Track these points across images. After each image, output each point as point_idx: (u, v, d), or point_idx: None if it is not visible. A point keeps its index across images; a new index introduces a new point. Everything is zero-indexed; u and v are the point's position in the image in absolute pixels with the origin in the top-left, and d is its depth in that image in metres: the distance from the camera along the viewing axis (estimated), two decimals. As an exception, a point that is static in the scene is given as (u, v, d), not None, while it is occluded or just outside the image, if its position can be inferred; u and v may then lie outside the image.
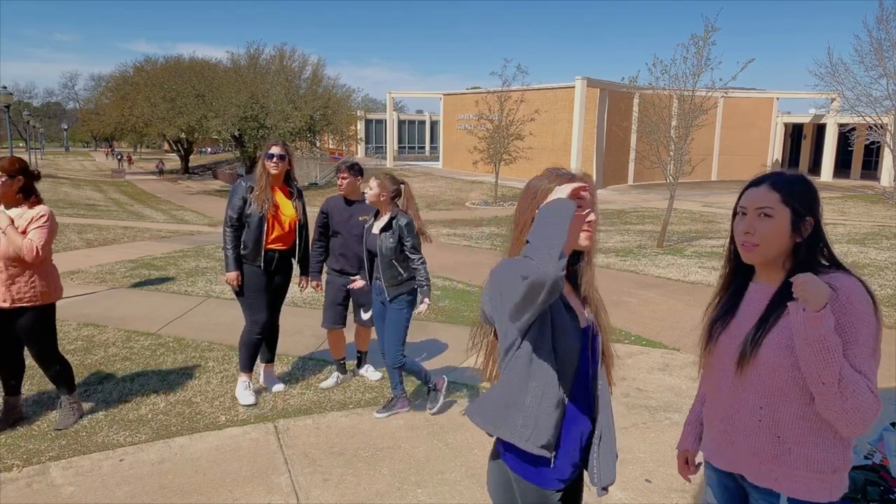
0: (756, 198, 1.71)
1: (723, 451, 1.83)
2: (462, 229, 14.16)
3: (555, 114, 26.40)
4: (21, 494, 3.32)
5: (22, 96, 70.37)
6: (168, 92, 32.06)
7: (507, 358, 1.72)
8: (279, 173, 4.41)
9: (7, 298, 3.79)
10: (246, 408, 4.43)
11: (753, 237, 1.70)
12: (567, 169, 1.76)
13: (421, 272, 4.20)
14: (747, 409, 1.73)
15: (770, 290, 1.73)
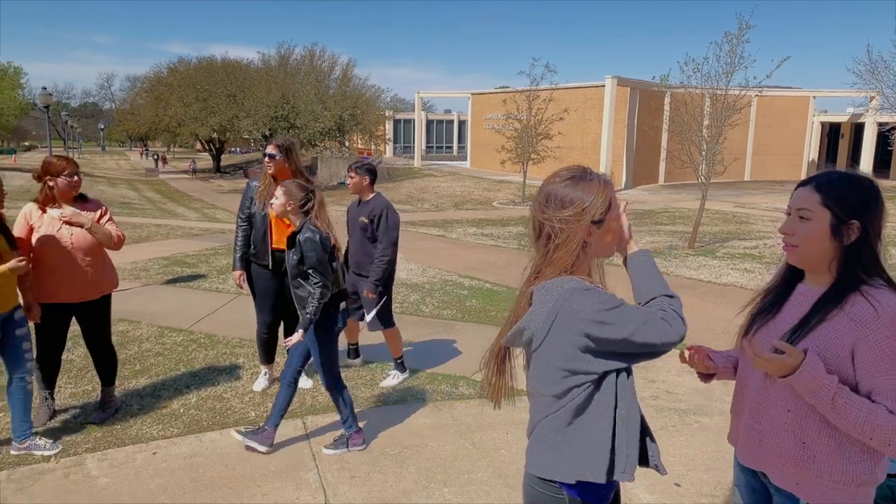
0: (798, 198, 1.68)
1: (750, 448, 1.81)
2: (489, 229, 14.13)
3: (584, 113, 26.18)
4: (59, 485, 3.42)
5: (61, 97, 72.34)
6: (201, 92, 32.60)
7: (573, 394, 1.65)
8: (275, 172, 4.38)
9: (96, 290, 4.05)
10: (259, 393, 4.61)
11: (792, 238, 1.68)
12: (589, 168, 1.72)
13: (313, 299, 3.54)
14: (775, 409, 1.71)
15: (815, 294, 1.69)
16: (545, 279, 1.66)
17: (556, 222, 1.64)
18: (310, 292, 3.55)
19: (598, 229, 1.66)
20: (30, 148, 68.08)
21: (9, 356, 3.64)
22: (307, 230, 3.57)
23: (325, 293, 3.55)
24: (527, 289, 1.73)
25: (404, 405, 4.50)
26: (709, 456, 3.81)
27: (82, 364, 5.20)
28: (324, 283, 3.54)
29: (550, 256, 1.66)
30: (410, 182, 27.43)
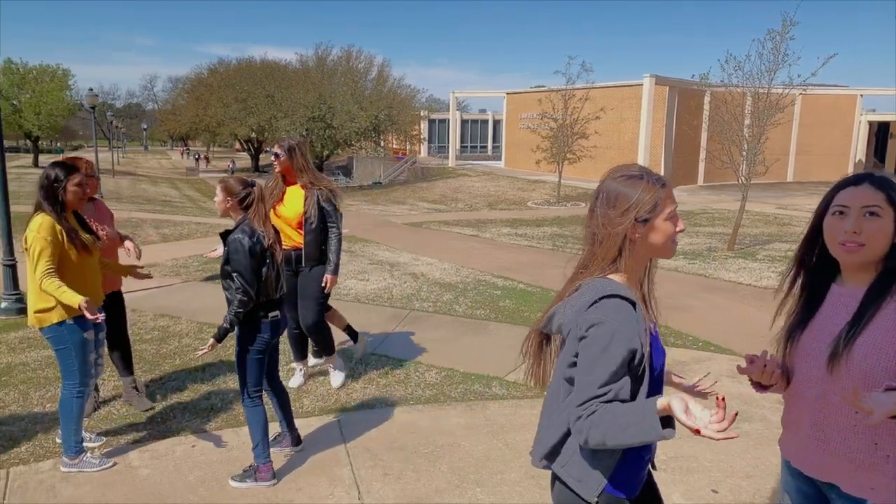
0: (861, 196, 1.63)
1: (812, 457, 1.74)
2: (523, 229, 14.07)
3: (621, 112, 25.86)
4: (102, 474, 3.52)
5: (106, 98, 74.47)
6: (240, 93, 33.23)
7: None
8: (282, 170, 4.44)
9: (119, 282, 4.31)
10: (294, 390, 4.66)
11: (860, 237, 1.61)
12: (647, 169, 1.70)
13: (231, 306, 3.27)
14: (841, 413, 1.65)
15: (853, 293, 1.66)
16: (590, 275, 1.67)
17: (601, 217, 1.66)
18: (230, 298, 3.29)
19: (643, 227, 1.63)
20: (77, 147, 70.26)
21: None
22: (240, 231, 3.29)
23: (244, 301, 3.24)
24: (572, 282, 1.74)
25: (437, 404, 4.51)
26: (748, 463, 3.72)
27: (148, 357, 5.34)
28: (244, 290, 3.23)
29: (594, 251, 1.68)
30: (444, 182, 27.47)
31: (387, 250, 10.95)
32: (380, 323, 6.48)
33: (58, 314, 3.39)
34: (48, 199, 3.41)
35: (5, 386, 4.72)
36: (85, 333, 3.49)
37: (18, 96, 40.87)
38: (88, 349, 3.53)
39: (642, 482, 1.76)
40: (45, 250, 3.30)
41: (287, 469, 3.60)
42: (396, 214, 17.78)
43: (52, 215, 3.38)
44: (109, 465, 3.60)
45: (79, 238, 3.47)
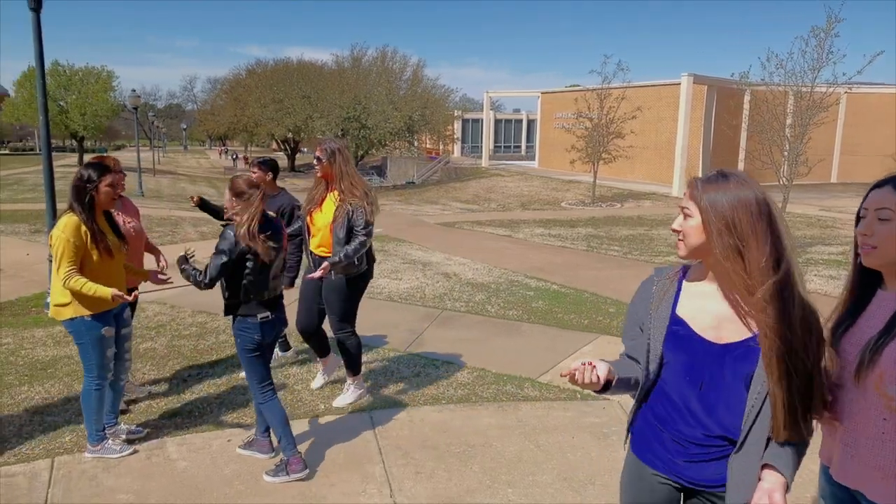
0: (876, 199, 1.64)
1: (844, 465, 1.72)
2: (557, 229, 13.97)
3: (658, 111, 25.45)
4: (142, 465, 3.61)
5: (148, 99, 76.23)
6: (277, 93, 33.73)
7: None
8: (322, 175, 4.25)
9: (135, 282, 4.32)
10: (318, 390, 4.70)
11: (871, 239, 1.64)
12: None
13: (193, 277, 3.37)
14: (869, 420, 1.63)
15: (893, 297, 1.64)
16: None
17: None
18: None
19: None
20: (120, 147, 72.26)
21: (117, 355, 3.80)
22: (231, 226, 3.36)
23: (200, 283, 3.32)
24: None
25: (469, 404, 4.51)
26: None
27: (164, 352, 5.48)
28: (207, 276, 3.29)
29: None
30: (477, 182, 27.43)
31: (419, 250, 10.99)
32: (412, 322, 6.50)
33: (72, 310, 3.49)
34: (78, 200, 3.48)
35: (51, 378, 4.88)
36: (103, 330, 3.57)
37: (65, 97, 42.11)
38: (106, 345, 3.63)
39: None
40: (66, 251, 3.38)
41: (320, 464, 3.64)
42: (429, 214, 17.82)
43: (80, 216, 3.46)
44: (129, 451, 3.71)
45: (103, 241, 3.52)
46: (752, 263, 1.55)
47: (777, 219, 1.58)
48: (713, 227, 1.57)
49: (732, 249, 1.56)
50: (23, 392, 4.62)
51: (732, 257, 1.56)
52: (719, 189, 1.59)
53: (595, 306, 7.20)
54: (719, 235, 1.57)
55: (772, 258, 1.55)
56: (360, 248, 4.13)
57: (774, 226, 1.57)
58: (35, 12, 6.52)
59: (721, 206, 1.58)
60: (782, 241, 1.57)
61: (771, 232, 1.56)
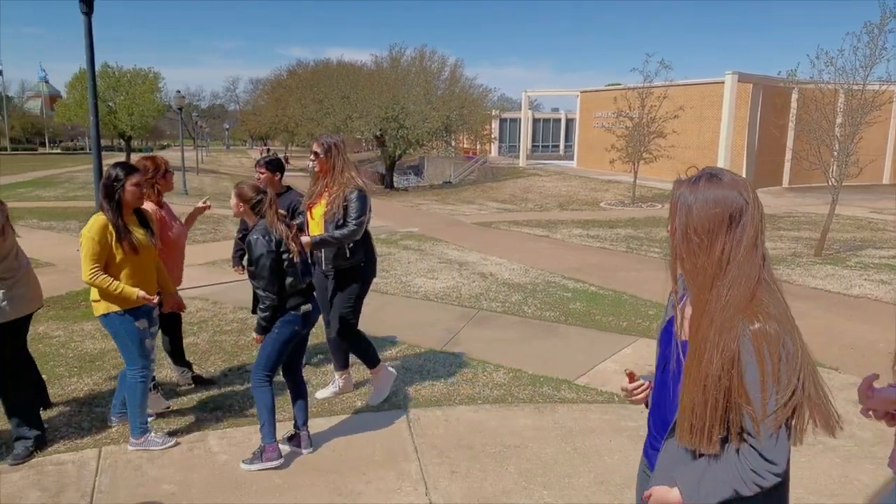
0: None
1: None
2: (596, 230, 13.80)
3: (701, 110, 24.94)
4: (184, 457, 3.70)
5: (192, 99, 78.09)
6: (317, 94, 34.13)
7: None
8: (320, 169, 4.21)
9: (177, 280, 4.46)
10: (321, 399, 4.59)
11: None
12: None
13: (261, 304, 3.50)
14: None
15: None
16: None
17: None
18: (261, 295, 3.51)
19: None
20: (165, 146, 74.21)
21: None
22: (255, 231, 3.47)
23: (267, 299, 3.46)
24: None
25: (504, 405, 4.49)
26: (834, 481, 3.52)
27: (206, 347, 5.60)
28: (265, 289, 3.44)
29: None
30: (514, 181, 27.31)
31: (456, 249, 10.99)
32: (448, 321, 6.51)
33: (104, 306, 3.60)
34: (107, 198, 3.59)
35: (98, 370, 5.04)
36: (136, 322, 3.68)
37: (114, 98, 43.43)
38: (143, 336, 3.73)
39: None
40: (90, 251, 3.48)
41: (355, 461, 3.67)
42: (466, 214, 17.82)
43: (107, 214, 3.56)
44: (171, 443, 3.80)
45: (128, 238, 3.60)
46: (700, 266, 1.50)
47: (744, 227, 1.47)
48: (676, 225, 1.54)
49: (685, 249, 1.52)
50: (72, 383, 4.78)
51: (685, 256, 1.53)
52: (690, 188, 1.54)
53: (634, 308, 7.09)
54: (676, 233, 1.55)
55: (718, 266, 1.47)
56: (347, 234, 4.09)
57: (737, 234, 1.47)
58: (87, 16, 6.74)
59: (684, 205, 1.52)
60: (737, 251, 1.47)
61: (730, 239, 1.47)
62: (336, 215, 4.08)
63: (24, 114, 79.24)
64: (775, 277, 1.51)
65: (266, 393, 3.60)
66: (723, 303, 1.45)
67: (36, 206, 17.12)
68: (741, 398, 1.42)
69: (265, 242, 3.42)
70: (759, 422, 1.41)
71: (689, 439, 1.51)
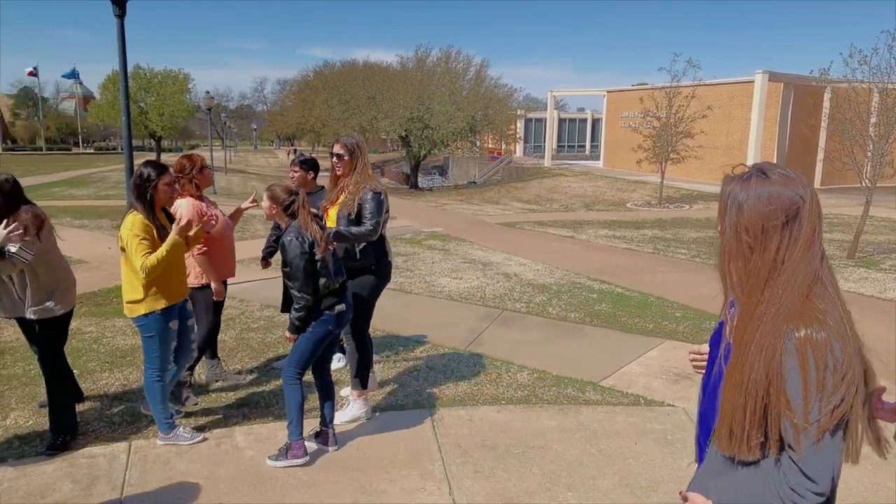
0: None
1: None
2: (622, 231, 13.68)
3: (730, 110, 24.56)
4: (211, 452, 3.76)
5: (221, 100, 79.18)
6: (343, 94, 34.34)
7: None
8: (342, 172, 4.14)
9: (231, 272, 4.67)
10: (402, 392, 4.65)
11: None
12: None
13: (297, 304, 3.52)
14: None
15: None
16: None
17: None
18: (295, 295, 3.52)
19: None
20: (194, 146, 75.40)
21: (181, 346, 4.00)
22: (289, 233, 3.49)
23: (302, 300, 3.48)
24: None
25: (528, 406, 4.48)
26: (866, 488, 3.45)
27: (233, 344, 5.68)
28: (300, 290, 3.47)
29: None
30: (539, 182, 27.19)
31: (480, 249, 10.98)
32: (472, 321, 6.51)
33: (146, 306, 3.65)
34: (140, 198, 3.65)
35: (129, 365, 5.14)
36: (170, 323, 3.75)
37: (145, 99, 44.26)
38: (171, 338, 3.80)
39: None
40: (140, 244, 3.54)
41: (380, 459, 3.69)
42: (490, 214, 17.79)
43: (142, 213, 3.63)
44: (199, 438, 3.87)
45: (163, 236, 3.67)
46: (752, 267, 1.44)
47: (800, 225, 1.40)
48: (726, 224, 1.49)
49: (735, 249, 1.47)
50: (104, 378, 4.89)
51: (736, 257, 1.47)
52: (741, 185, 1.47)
53: (661, 310, 7.02)
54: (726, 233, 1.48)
55: (772, 266, 1.41)
56: (363, 233, 4.00)
57: (792, 231, 1.41)
58: (119, 19, 6.87)
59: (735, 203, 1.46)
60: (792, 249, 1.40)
61: (785, 238, 1.41)
62: (350, 214, 4.02)
63: (59, 114, 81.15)
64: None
65: (297, 391, 3.63)
66: (775, 305, 1.40)
67: (69, 204, 17.52)
68: (782, 404, 1.36)
69: (298, 244, 3.45)
70: (801, 430, 1.34)
71: (728, 445, 1.46)
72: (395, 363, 5.27)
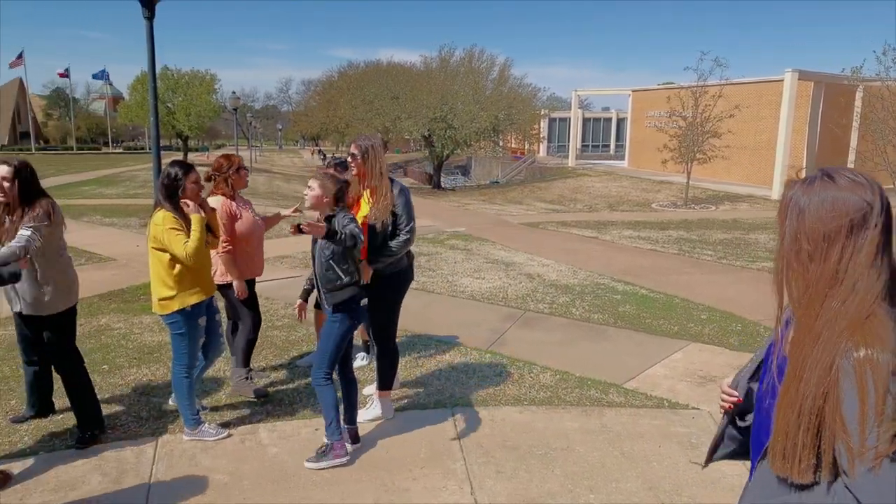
0: None
1: None
2: (647, 232, 13.55)
3: (758, 110, 24.17)
4: (236, 449, 3.81)
5: (246, 100, 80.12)
6: (367, 94, 34.51)
7: None
8: (357, 174, 4.04)
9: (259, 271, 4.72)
10: (426, 393, 4.66)
11: None
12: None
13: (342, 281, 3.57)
14: None
15: None
16: None
17: None
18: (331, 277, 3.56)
19: None
20: (220, 146, 76.35)
21: (209, 342, 4.07)
22: (345, 217, 3.52)
23: (350, 276, 3.56)
24: None
25: (551, 407, 4.46)
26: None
27: (258, 342, 5.73)
28: (348, 270, 3.56)
29: None
30: (563, 182, 27.04)
31: (502, 249, 10.96)
32: (494, 321, 6.50)
33: (178, 302, 3.71)
34: (169, 197, 3.71)
35: (156, 362, 5.23)
36: (198, 320, 3.81)
37: (172, 99, 44.95)
38: (199, 334, 3.86)
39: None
40: (176, 235, 3.61)
41: (402, 458, 3.71)
42: (513, 214, 17.73)
43: (171, 211, 3.68)
44: (224, 434, 3.92)
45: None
46: (811, 276, 1.36)
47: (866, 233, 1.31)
48: (786, 230, 1.41)
49: (794, 258, 1.39)
50: (132, 374, 4.97)
51: (794, 265, 1.38)
52: (803, 189, 1.39)
53: (686, 312, 6.93)
54: (785, 239, 1.41)
55: (833, 277, 1.33)
56: (403, 244, 4.01)
57: (857, 240, 1.32)
58: (148, 21, 6.99)
59: (795, 208, 1.39)
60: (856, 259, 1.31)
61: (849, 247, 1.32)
62: (386, 223, 3.95)
63: (90, 115, 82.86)
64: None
65: (329, 391, 3.64)
66: (832, 318, 1.31)
67: (99, 203, 17.86)
68: (837, 425, 1.28)
69: (355, 224, 3.50)
70: (856, 455, 1.25)
71: (781, 465, 1.38)
72: (417, 362, 5.28)
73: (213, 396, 4.58)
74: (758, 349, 1.68)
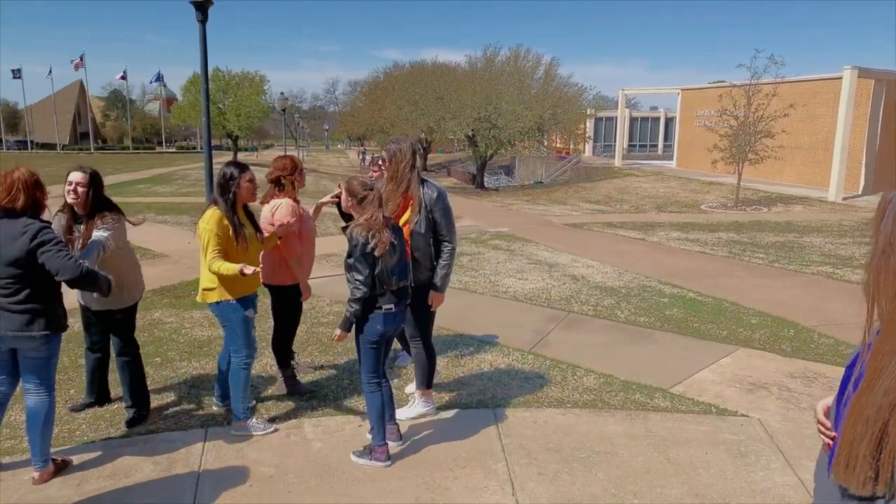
0: None
1: None
2: (696, 234, 13.24)
3: (813, 108, 23.33)
4: (281, 443, 3.88)
5: (294, 101, 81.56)
6: (412, 95, 34.70)
7: None
8: (388, 176, 4.04)
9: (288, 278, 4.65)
10: (466, 393, 4.66)
11: None
12: None
13: (351, 295, 3.50)
14: None
15: None
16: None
17: None
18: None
19: None
20: (269, 146, 77.99)
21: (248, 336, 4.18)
22: (358, 225, 3.50)
23: (358, 293, 3.46)
24: None
25: (594, 410, 4.40)
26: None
27: (304, 338, 5.83)
28: (356, 281, 3.46)
29: None
30: (609, 182, 26.66)
31: (546, 250, 10.87)
32: (537, 323, 6.46)
33: (218, 293, 3.83)
34: (223, 195, 3.84)
35: (206, 355, 5.37)
36: (245, 312, 3.90)
37: (223, 100, 46.16)
38: (250, 325, 3.95)
39: None
40: (212, 239, 3.72)
41: (443, 457, 3.72)
42: (557, 214, 17.58)
43: (222, 208, 3.80)
44: (271, 430, 4.01)
45: (241, 233, 3.84)
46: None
47: None
48: (880, 234, 1.36)
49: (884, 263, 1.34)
50: (182, 367, 5.13)
51: (885, 271, 1.33)
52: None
53: (735, 317, 6.75)
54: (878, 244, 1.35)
55: None
56: (453, 254, 4.09)
57: None
58: (202, 24, 7.19)
59: (892, 212, 1.34)
60: None
61: None
62: (419, 223, 3.96)
63: (145, 116, 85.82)
64: None
65: (375, 398, 3.67)
66: None
67: (153, 201, 18.47)
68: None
69: (364, 236, 3.47)
70: None
71: (844, 475, 1.34)
72: (458, 362, 5.29)
73: (261, 392, 4.68)
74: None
